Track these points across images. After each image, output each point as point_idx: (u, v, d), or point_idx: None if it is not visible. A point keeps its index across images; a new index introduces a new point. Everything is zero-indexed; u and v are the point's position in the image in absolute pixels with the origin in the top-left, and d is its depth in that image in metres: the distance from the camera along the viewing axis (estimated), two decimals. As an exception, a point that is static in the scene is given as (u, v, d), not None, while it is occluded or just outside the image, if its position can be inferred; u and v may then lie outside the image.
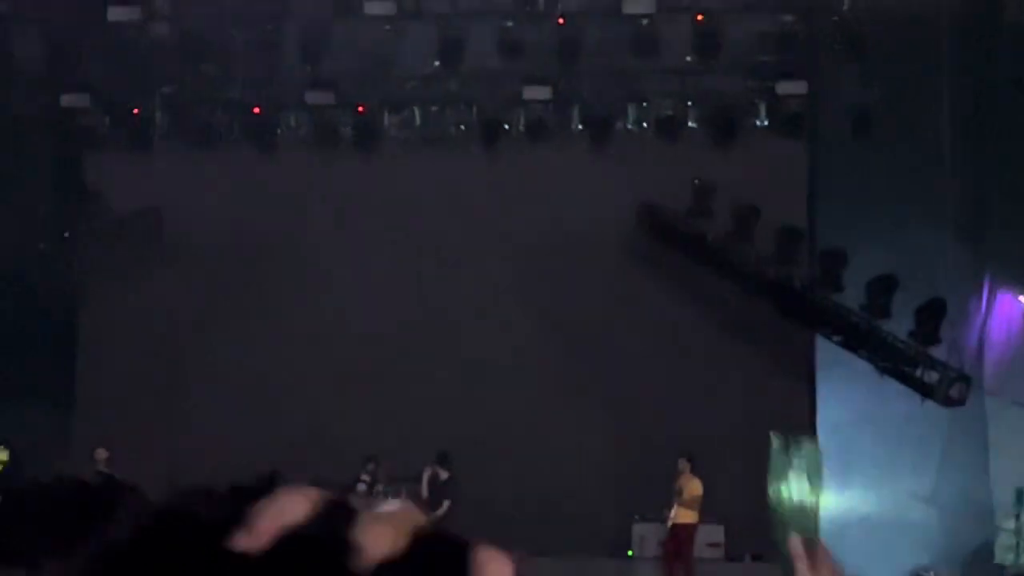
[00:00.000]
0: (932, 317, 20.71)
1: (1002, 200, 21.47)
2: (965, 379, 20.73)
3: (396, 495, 21.25)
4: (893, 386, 20.97)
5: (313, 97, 23.39)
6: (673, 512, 20.08)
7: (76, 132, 23.88)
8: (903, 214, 21.40)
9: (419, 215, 23.44)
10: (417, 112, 24.03)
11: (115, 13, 22.51)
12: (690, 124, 23.42)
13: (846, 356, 21.53)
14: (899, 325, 20.82)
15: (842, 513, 22.43)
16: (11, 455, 21.08)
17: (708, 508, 20.10)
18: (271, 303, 23.34)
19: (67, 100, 23.38)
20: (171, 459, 20.63)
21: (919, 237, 21.30)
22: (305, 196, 23.68)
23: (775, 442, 2.96)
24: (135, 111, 23.88)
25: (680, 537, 19.99)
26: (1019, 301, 22.18)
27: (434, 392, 22.47)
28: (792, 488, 2.87)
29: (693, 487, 19.91)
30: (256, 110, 23.85)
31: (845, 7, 22.14)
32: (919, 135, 21.29)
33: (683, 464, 20.01)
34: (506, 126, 23.74)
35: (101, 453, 20.89)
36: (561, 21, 22.67)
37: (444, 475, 21.40)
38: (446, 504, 20.98)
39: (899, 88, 21.21)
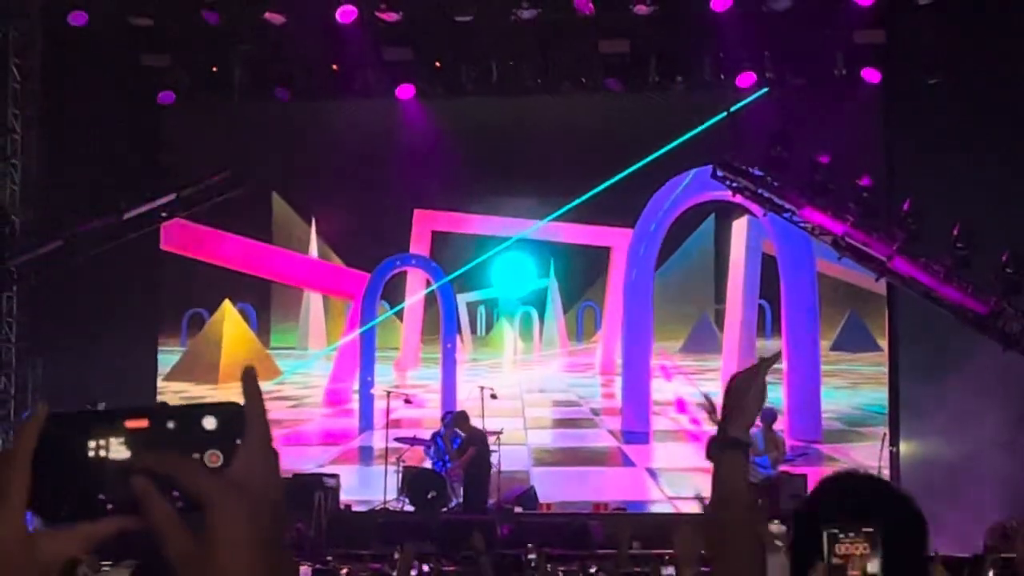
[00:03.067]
0: (1015, 266, 20.70)
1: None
2: (1047, 329, 21.11)
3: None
4: (975, 336, 21.18)
5: (390, 54, 23.98)
6: None
7: (156, 89, 24.46)
8: (980, 163, 21.65)
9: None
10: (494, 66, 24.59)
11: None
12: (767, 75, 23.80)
13: (929, 306, 21.89)
14: (982, 275, 20.89)
15: (927, 459, 23.07)
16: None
17: None
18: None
19: (148, 60, 24.12)
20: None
21: (1000, 186, 21.63)
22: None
23: None
24: (214, 68, 24.58)
25: None
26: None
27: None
28: None
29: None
30: (335, 67, 24.45)
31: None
32: (1001, 88, 21.49)
33: None
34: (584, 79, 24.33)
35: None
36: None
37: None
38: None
39: (982, 37, 21.35)
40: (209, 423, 1.81)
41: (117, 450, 1.80)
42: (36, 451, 1.78)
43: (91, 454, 1.80)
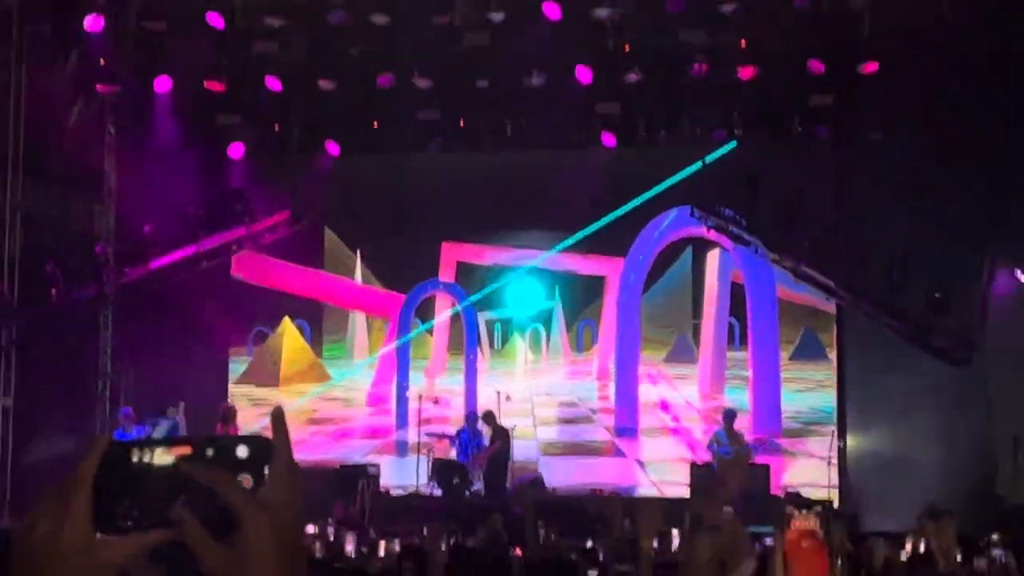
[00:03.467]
0: (942, 291, 20.83)
1: (1002, 193, 21.58)
2: (969, 343, 20.97)
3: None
4: (909, 349, 21.27)
5: (422, 114, 23.98)
6: None
7: (227, 142, 24.53)
8: (917, 205, 21.49)
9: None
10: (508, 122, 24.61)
11: (259, 46, 23.25)
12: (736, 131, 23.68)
13: (870, 324, 21.87)
14: (916, 299, 21.02)
15: (871, 452, 23.05)
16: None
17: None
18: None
19: (221, 119, 24.21)
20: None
21: (931, 225, 21.47)
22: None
23: None
24: (276, 126, 24.64)
25: None
26: (1014, 275, 22.20)
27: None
28: None
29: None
30: (376, 124, 24.49)
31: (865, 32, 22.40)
32: (933, 142, 21.45)
33: None
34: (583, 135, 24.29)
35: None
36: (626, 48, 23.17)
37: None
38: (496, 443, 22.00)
39: (917, 99, 21.27)
40: (242, 452, 1.80)
41: (170, 466, 1.79)
42: (97, 473, 1.77)
43: (147, 471, 1.79)
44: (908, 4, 21.37)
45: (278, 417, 1.86)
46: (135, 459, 1.80)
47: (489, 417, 22.13)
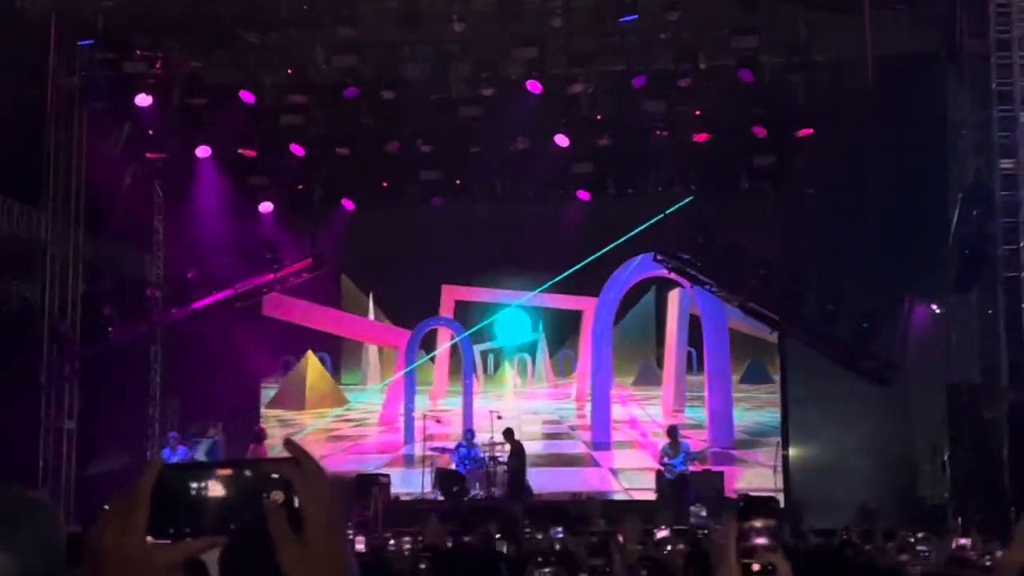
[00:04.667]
0: (869, 322, 20.96)
1: (919, 238, 21.69)
2: (892, 366, 21.04)
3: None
4: (841, 372, 21.31)
5: (425, 175, 24.06)
6: None
7: (258, 201, 24.57)
8: (846, 248, 21.72)
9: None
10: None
11: (286, 119, 23.35)
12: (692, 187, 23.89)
13: (808, 351, 21.93)
14: (846, 328, 21.09)
15: (808, 461, 23.05)
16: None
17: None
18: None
19: (253, 180, 24.29)
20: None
21: (859, 263, 21.66)
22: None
23: None
24: (299, 186, 24.71)
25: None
26: (930, 308, 22.29)
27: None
28: None
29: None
30: (385, 184, 24.56)
31: (801, 102, 22.55)
32: (860, 195, 21.55)
33: None
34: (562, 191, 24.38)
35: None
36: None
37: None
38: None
39: (846, 159, 21.44)
40: (274, 472, 1.83)
41: (213, 489, 1.83)
42: (153, 489, 1.83)
43: (192, 492, 1.83)
44: (837, 78, 21.51)
45: (291, 442, 1.89)
46: (185, 479, 1.85)
47: (508, 434, 22.06)
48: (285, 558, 1.78)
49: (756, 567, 2.58)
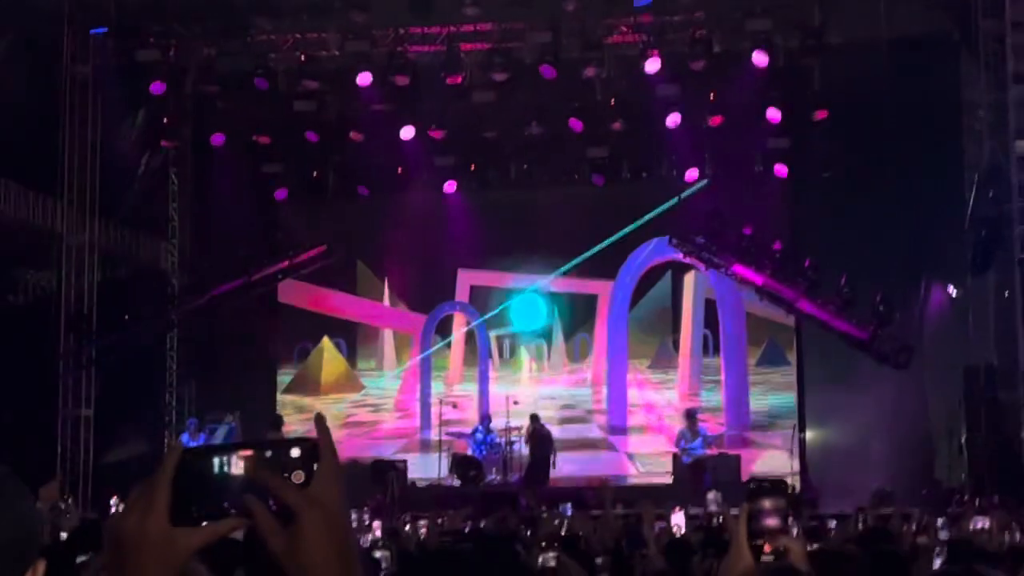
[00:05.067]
0: (885, 304, 20.75)
1: (934, 221, 21.70)
2: (909, 349, 20.85)
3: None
4: (858, 355, 21.18)
5: (439, 160, 24.01)
6: None
7: (273, 188, 24.59)
8: (862, 232, 21.66)
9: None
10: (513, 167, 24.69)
11: (299, 105, 23.37)
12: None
13: (824, 333, 21.82)
14: (863, 312, 20.87)
15: (824, 444, 23.05)
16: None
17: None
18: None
19: (267, 168, 24.29)
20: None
21: (874, 246, 21.62)
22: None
23: None
24: (315, 173, 24.73)
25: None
26: (946, 290, 22.37)
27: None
28: None
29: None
30: (399, 170, 24.55)
31: (815, 86, 22.50)
32: (875, 178, 21.59)
33: None
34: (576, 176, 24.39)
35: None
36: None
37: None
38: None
39: (861, 142, 21.40)
40: (295, 452, 1.84)
41: (235, 471, 1.84)
42: (175, 474, 1.84)
43: (214, 475, 1.84)
44: (852, 61, 21.45)
45: (321, 422, 1.91)
46: (205, 463, 1.86)
47: (535, 419, 22.19)
48: (275, 547, 1.80)
49: (768, 548, 2.59)
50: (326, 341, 25.30)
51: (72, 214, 22.23)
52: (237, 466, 1.85)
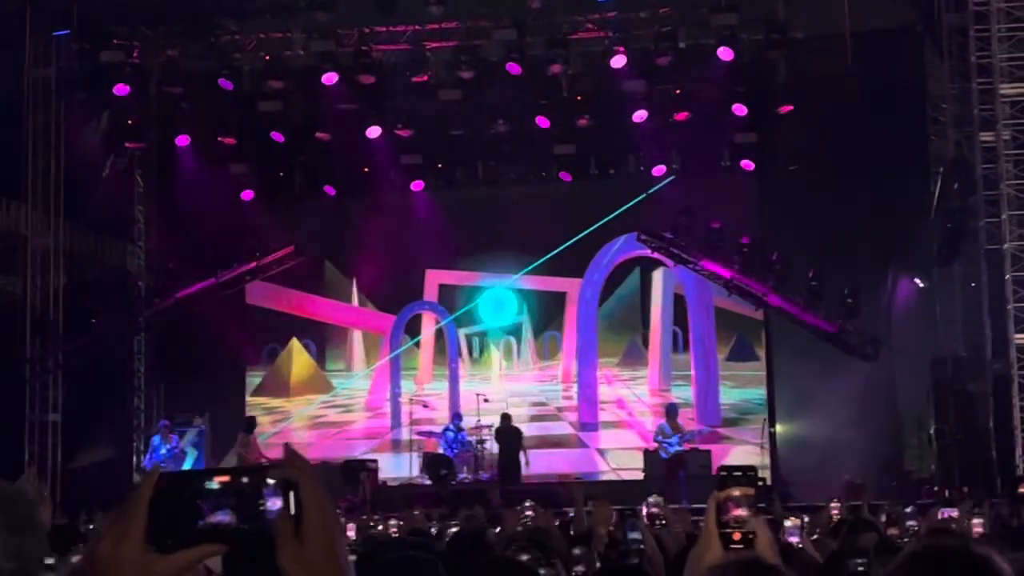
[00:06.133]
0: (852, 297, 21.01)
1: (900, 213, 21.80)
2: (877, 341, 21.14)
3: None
4: (826, 348, 21.38)
5: (405, 159, 24.04)
6: None
7: (239, 189, 24.43)
8: (829, 225, 21.75)
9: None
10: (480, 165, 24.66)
11: (264, 105, 23.26)
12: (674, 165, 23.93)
13: (793, 327, 22.01)
14: (831, 305, 21.13)
15: (795, 438, 23.14)
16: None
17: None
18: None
19: (233, 168, 24.18)
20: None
21: (841, 239, 21.75)
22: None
23: None
24: (280, 173, 24.63)
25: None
26: (913, 282, 22.48)
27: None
28: None
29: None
30: (366, 169, 24.49)
31: (781, 80, 22.58)
32: (841, 171, 21.66)
33: None
34: (543, 173, 24.37)
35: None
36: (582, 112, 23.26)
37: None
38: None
39: (827, 136, 21.43)
40: (271, 479, 1.82)
41: (211, 496, 1.82)
42: (151, 500, 1.81)
43: (190, 500, 1.82)
44: (817, 55, 21.54)
45: (290, 448, 1.89)
46: (182, 488, 1.83)
47: (506, 418, 22.17)
48: (285, 558, 1.78)
49: (737, 536, 2.61)
50: (295, 342, 25.25)
51: (37, 217, 22.10)
52: (214, 491, 1.82)
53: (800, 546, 5.64)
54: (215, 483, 1.82)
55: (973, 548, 2.42)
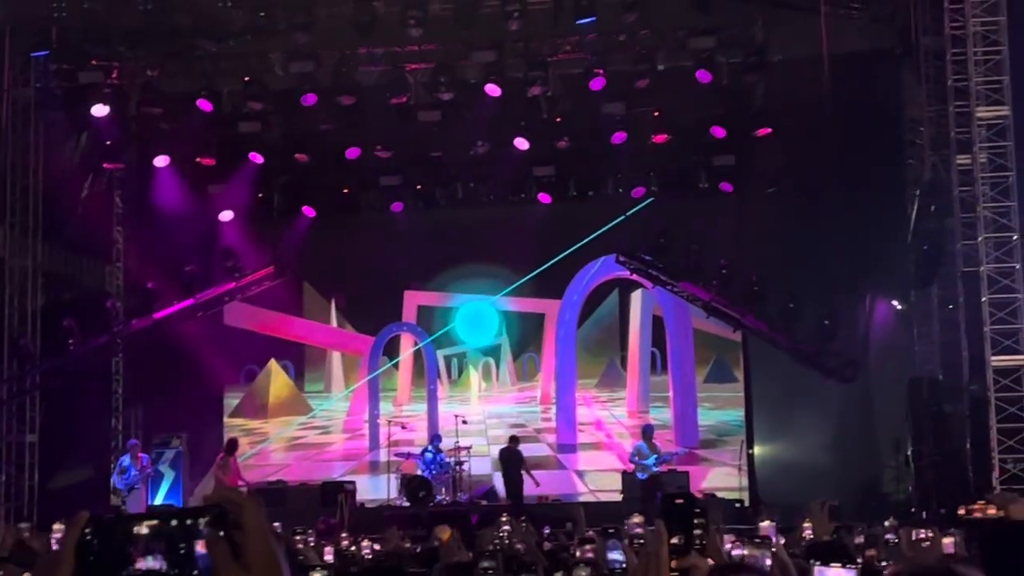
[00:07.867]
0: (830, 319, 21.04)
1: (878, 235, 21.88)
2: (855, 363, 21.13)
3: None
4: (804, 370, 21.35)
5: (385, 180, 24.12)
6: None
7: (218, 210, 24.43)
8: (806, 247, 21.79)
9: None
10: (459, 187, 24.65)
11: (244, 126, 23.26)
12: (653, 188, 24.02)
13: (771, 349, 22.01)
14: (807, 326, 21.18)
15: (773, 460, 23.18)
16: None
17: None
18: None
19: (212, 189, 24.14)
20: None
21: (819, 261, 21.78)
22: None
23: None
24: (260, 194, 24.59)
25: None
26: (891, 305, 22.59)
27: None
28: None
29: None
30: (345, 190, 24.52)
31: (759, 103, 22.69)
32: (819, 193, 21.74)
33: None
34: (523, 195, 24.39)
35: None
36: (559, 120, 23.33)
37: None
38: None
39: (804, 158, 21.62)
40: (202, 520, 1.82)
41: (140, 540, 1.81)
42: (78, 545, 1.82)
43: (120, 544, 1.82)
44: (794, 78, 21.66)
45: (222, 492, 1.91)
46: (111, 531, 1.84)
47: (511, 440, 22.08)
48: None
49: (674, 564, 2.64)
50: (273, 363, 25.23)
51: (15, 237, 22.07)
52: (143, 535, 1.83)
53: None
54: (144, 527, 1.82)
55: (955, 569, 2.46)
